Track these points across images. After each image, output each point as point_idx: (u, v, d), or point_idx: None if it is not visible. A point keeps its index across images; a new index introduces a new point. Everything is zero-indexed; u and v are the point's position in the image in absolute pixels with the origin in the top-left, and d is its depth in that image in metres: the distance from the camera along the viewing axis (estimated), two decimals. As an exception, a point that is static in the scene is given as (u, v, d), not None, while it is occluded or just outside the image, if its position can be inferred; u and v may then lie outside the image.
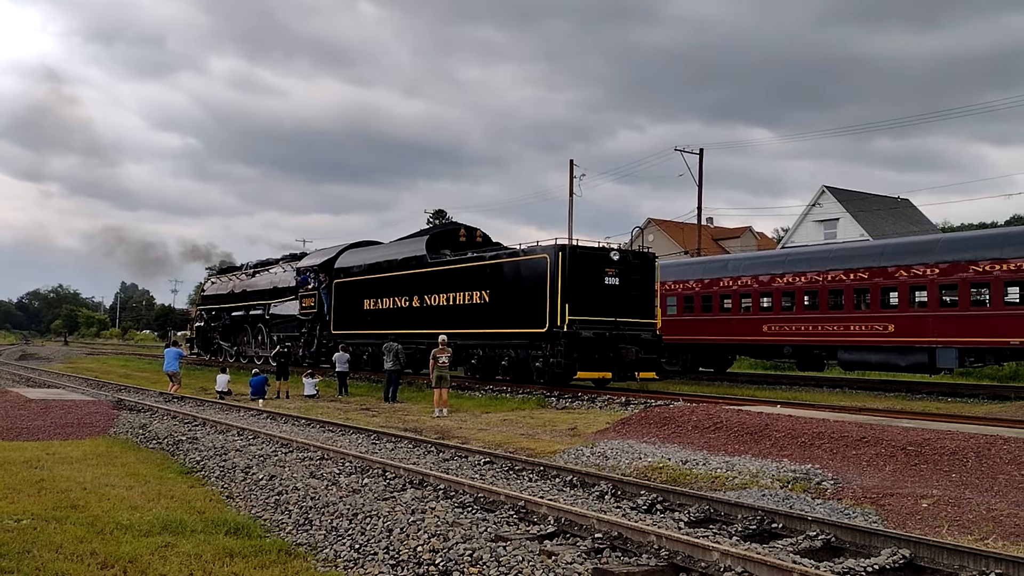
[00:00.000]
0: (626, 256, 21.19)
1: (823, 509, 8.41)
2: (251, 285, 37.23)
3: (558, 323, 19.55)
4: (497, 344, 21.97)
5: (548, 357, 19.89)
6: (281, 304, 33.57)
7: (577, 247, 20.51)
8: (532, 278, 20.58)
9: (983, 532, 7.55)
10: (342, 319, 28.89)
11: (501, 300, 21.63)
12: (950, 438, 10.29)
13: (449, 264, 24.14)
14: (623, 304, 20.49)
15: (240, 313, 37.53)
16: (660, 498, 8.49)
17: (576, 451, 12.14)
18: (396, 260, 26.47)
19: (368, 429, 14.59)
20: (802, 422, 12.04)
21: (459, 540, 6.66)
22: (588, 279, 20.09)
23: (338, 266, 29.58)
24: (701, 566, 5.94)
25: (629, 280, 20.73)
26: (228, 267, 44.17)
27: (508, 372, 21.70)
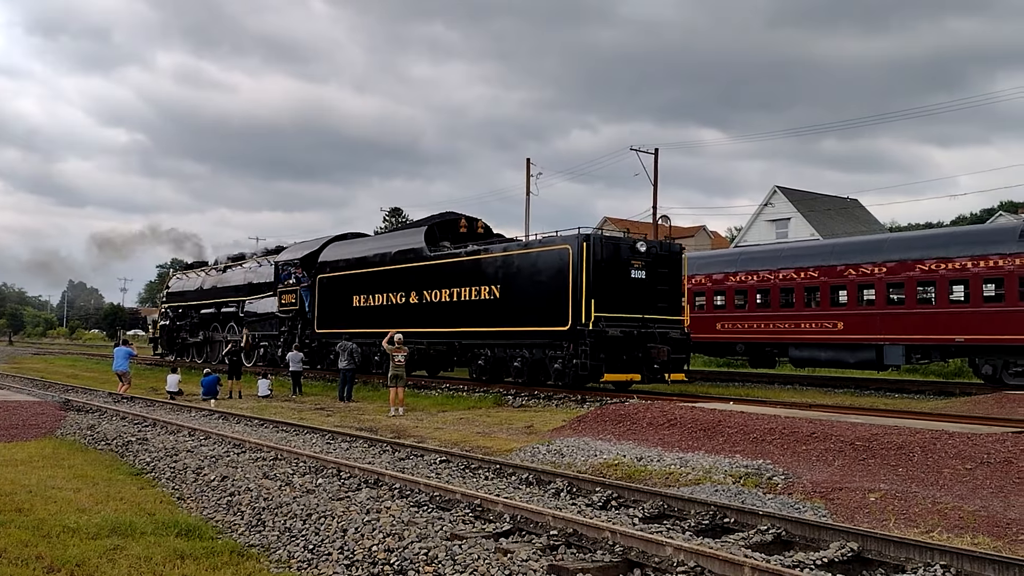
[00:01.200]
0: (653, 247, 19.45)
1: (774, 504, 8.54)
2: (223, 281, 34.97)
3: (582, 321, 17.98)
4: (509, 344, 20.22)
5: (570, 358, 18.30)
6: (258, 301, 31.52)
7: (602, 236, 19.03)
8: (551, 271, 18.92)
9: (928, 525, 7.74)
10: (327, 317, 26.87)
11: (514, 296, 19.93)
12: (897, 433, 10.52)
13: (452, 257, 22.14)
14: (650, 299, 18.99)
15: (210, 311, 35.36)
16: (615, 495, 8.55)
17: (532, 449, 12.17)
18: (390, 253, 24.40)
19: (323, 429, 14.47)
20: (754, 418, 12.22)
21: (414, 539, 6.64)
22: (613, 272, 18.53)
23: (322, 260, 27.46)
24: (655, 561, 6.00)
25: (656, 273, 19.21)
26: (195, 263, 41.58)
27: (520, 374, 19.85)
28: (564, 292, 18.47)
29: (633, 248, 18.94)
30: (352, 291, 25.65)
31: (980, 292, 21.07)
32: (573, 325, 18.18)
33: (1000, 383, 20.68)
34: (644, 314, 18.77)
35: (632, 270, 18.83)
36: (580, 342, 17.97)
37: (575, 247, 18.39)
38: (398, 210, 71.08)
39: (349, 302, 25.70)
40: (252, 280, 32.39)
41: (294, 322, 28.87)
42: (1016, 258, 20.39)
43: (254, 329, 31.26)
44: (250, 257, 35.10)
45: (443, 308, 21.96)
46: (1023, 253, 20.31)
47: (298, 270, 28.43)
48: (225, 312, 34.13)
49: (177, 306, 38.80)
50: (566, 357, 18.41)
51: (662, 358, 18.46)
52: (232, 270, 35.10)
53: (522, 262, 19.94)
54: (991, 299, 20.95)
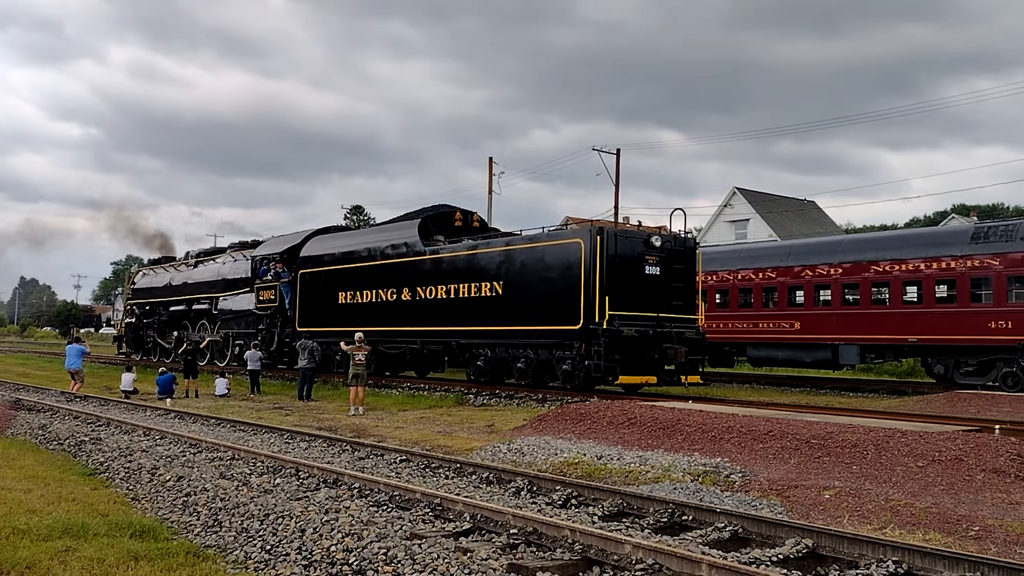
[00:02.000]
0: (668, 242, 18.31)
1: (731, 501, 8.64)
2: (194, 277, 33.28)
3: (595, 319, 16.90)
4: (512, 344, 19.11)
5: (581, 359, 17.24)
6: (232, 298, 29.84)
7: (616, 230, 17.89)
8: (561, 266, 17.84)
9: (881, 521, 7.88)
10: (309, 314, 25.35)
11: (519, 292, 18.76)
12: (851, 432, 10.70)
13: (450, 252, 20.96)
14: (665, 297, 17.98)
15: (180, 308, 33.64)
16: (575, 493, 8.59)
17: (493, 448, 12.18)
18: (380, 247, 22.95)
19: (281, 428, 14.33)
20: (712, 417, 12.35)
21: (373, 539, 6.60)
22: (627, 268, 17.49)
23: (304, 254, 25.99)
24: (614, 559, 6.04)
25: (671, 269, 18.21)
26: (163, 257, 39.76)
27: (524, 375, 18.84)
28: (575, 289, 17.42)
29: (647, 242, 17.88)
30: (338, 287, 24.30)
31: (933, 293, 21.53)
32: (585, 324, 17.14)
33: (952, 382, 21.15)
34: (659, 313, 17.82)
35: (646, 266, 17.85)
36: (593, 342, 16.92)
37: (587, 241, 17.30)
38: (360, 208, 70.65)
39: (334, 299, 24.33)
40: (227, 276, 30.75)
41: (273, 320, 27.41)
42: (967, 260, 20.86)
43: (229, 327, 29.84)
44: (222, 252, 33.55)
45: (439, 306, 20.79)
46: (974, 255, 20.79)
47: (278, 265, 26.95)
48: (197, 309, 32.59)
49: (144, 303, 37.07)
50: (576, 358, 17.43)
51: (679, 359, 17.52)
52: (204, 265, 33.38)
53: (527, 257, 18.78)
54: (943, 300, 21.41)
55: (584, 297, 17.19)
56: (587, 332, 17.06)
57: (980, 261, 20.66)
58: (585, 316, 17.15)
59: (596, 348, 16.78)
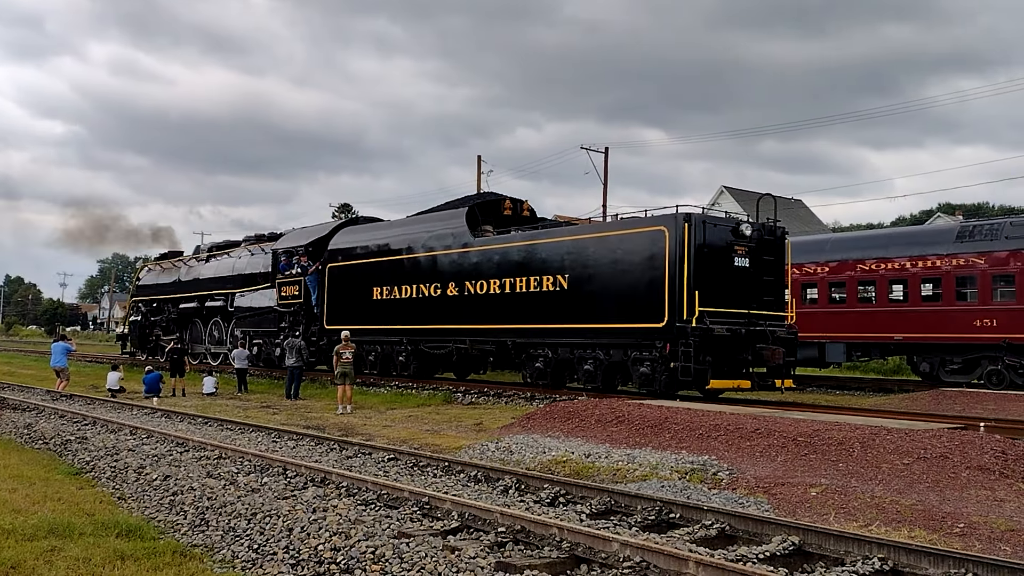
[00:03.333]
0: (758, 231, 16.78)
1: (719, 499, 8.67)
2: (206, 272, 31.25)
3: (684, 316, 15.32)
4: (577, 344, 17.47)
5: (664, 360, 15.58)
6: (251, 294, 27.76)
7: (706, 216, 16.29)
8: (640, 258, 16.17)
9: (867, 519, 7.93)
10: (339, 311, 23.59)
11: (587, 287, 17.10)
12: (837, 429, 10.75)
13: (504, 243, 19.20)
14: (755, 292, 16.39)
15: (191, 305, 31.59)
16: (563, 491, 8.60)
17: (481, 446, 12.18)
18: (422, 239, 21.22)
19: (268, 427, 14.28)
20: (700, 415, 12.38)
21: (361, 538, 6.60)
22: (716, 260, 15.95)
23: (333, 247, 24.20)
24: (602, 557, 6.05)
25: (761, 262, 16.58)
26: (170, 252, 37.63)
27: (592, 378, 17.19)
28: (658, 283, 15.75)
29: (737, 231, 16.29)
30: (372, 282, 22.45)
31: (918, 292, 21.67)
32: (671, 322, 15.46)
33: (937, 380, 21.29)
34: (749, 309, 16.19)
35: (735, 257, 16.22)
36: (681, 342, 15.21)
37: (673, 229, 15.67)
38: (348, 206, 70.44)
39: (368, 295, 22.53)
40: (243, 270, 28.71)
41: (296, 317, 25.42)
42: (953, 259, 21.00)
43: (247, 326, 27.85)
44: (236, 245, 31.53)
45: (491, 302, 19.05)
46: (960, 254, 20.93)
47: (302, 259, 24.98)
48: (210, 307, 30.43)
49: (151, 300, 34.99)
50: (658, 359, 15.75)
51: (776, 361, 15.92)
52: (218, 260, 31.28)
53: (599, 248, 17.09)
54: (929, 298, 21.55)
55: (669, 292, 15.58)
56: (673, 330, 15.40)
57: (965, 260, 20.81)
58: (670, 313, 15.52)
59: (684, 349, 15.13)
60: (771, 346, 15.93)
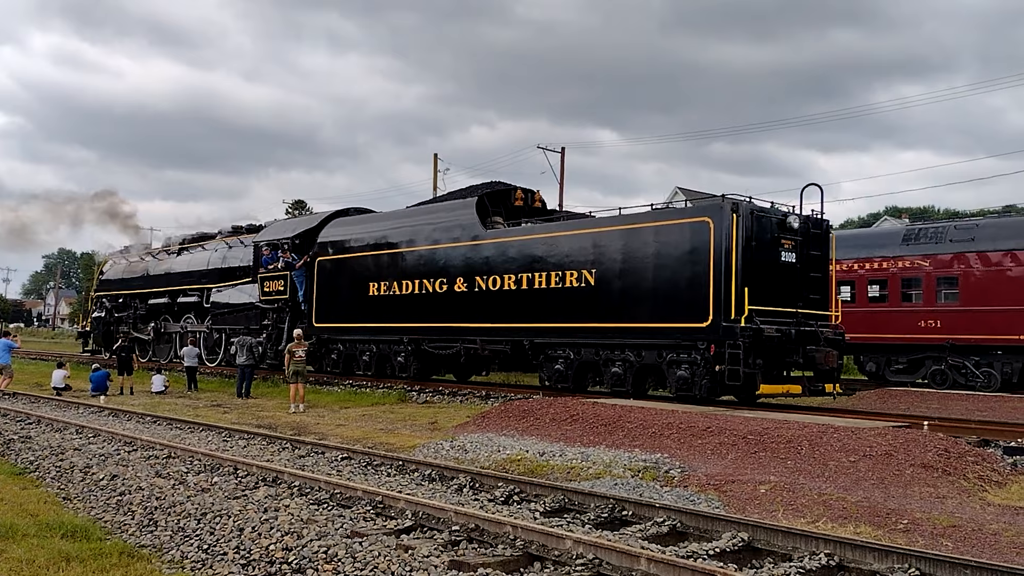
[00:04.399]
0: (806, 224, 15.53)
1: (670, 496, 8.77)
2: (178, 266, 29.58)
3: (731, 315, 14.12)
4: (604, 344, 16.20)
5: (707, 363, 14.47)
6: (229, 289, 26.26)
7: (753, 206, 14.88)
8: (680, 252, 14.96)
9: (814, 515, 8.09)
10: (330, 308, 22.13)
11: (618, 283, 15.84)
12: (787, 427, 10.96)
13: (521, 235, 17.91)
14: (802, 289, 15.30)
15: (162, 300, 29.85)
16: (517, 489, 8.63)
17: (436, 445, 12.16)
18: (426, 231, 19.87)
19: (219, 426, 14.09)
20: (653, 413, 12.52)
21: (313, 537, 6.55)
22: (764, 254, 14.73)
23: (324, 240, 22.70)
24: (555, 554, 6.09)
25: (807, 256, 15.43)
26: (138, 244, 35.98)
27: (621, 381, 15.95)
28: (702, 278, 14.53)
29: (783, 223, 15.06)
30: (369, 277, 21.02)
31: (865, 292, 22.13)
32: (716, 321, 14.27)
33: (883, 380, 21.78)
34: (798, 307, 15.12)
35: (782, 252, 15.07)
36: (728, 343, 14.03)
37: (720, 220, 14.45)
38: (302, 203, 69.69)
39: (363, 290, 21.08)
40: (221, 264, 27.20)
41: (281, 314, 23.93)
42: (899, 260, 21.50)
43: (225, 323, 26.23)
44: (211, 237, 29.93)
45: (506, 298, 17.72)
46: (905, 256, 21.44)
47: (288, 253, 23.41)
48: (183, 302, 28.89)
49: (116, 295, 33.02)
50: (699, 362, 14.62)
51: (830, 364, 14.93)
52: (191, 252, 29.73)
53: (632, 241, 15.78)
54: (876, 299, 22.03)
55: (714, 288, 14.34)
56: (718, 331, 14.20)
57: (911, 262, 21.33)
58: (715, 311, 14.29)
59: (732, 351, 13.95)
60: (824, 348, 14.90)
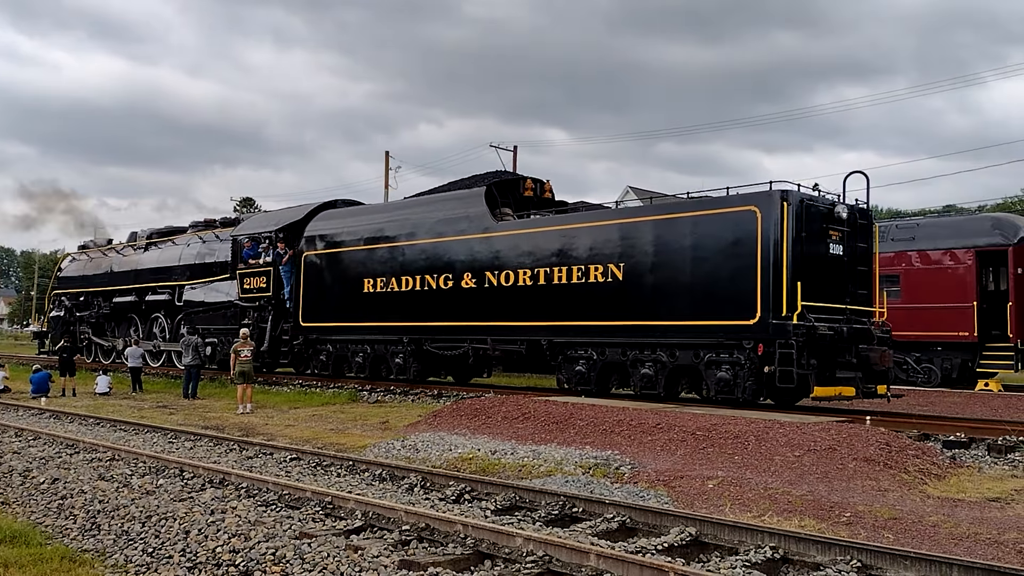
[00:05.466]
0: (853, 214, 14.49)
1: (620, 492, 8.85)
2: (146, 262, 27.91)
3: (782, 312, 13.07)
4: (633, 343, 15.09)
5: (753, 364, 13.46)
6: (203, 286, 24.76)
7: (803, 194, 13.87)
8: (723, 243, 13.92)
9: (761, 509, 8.22)
10: (318, 306, 20.77)
11: (649, 278, 14.77)
12: (734, 423, 11.13)
13: (536, 227, 16.71)
14: (850, 284, 14.32)
15: (128, 299, 28.16)
16: (469, 488, 8.63)
17: (387, 445, 12.10)
18: (429, 223, 18.57)
19: (165, 427, 13.85)
20: (604, 411, 12.61)
21: (261, 539, 6.47)
22: (813, 246, 13.72)
23: (311, 233, 21.26)
24: (505, 552, 6.10)
25: (855, 250, 14.44)
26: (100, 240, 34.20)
27: (652, 384, 14.86)
28: (747, 273, 13.52)
29: (830, 213, 14.03)
30: (363, 273, 19.72)
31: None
32: (765, 318, 13.24)
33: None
34: (847, 304, 14.21)
35: (830, 244, 14.07)
36: (779, 342, 13.01)
37: (768, 210, 13.42)
38: (250, 200, 68.75)
39: (357, 287, 19.78)
40: (194, 260, 25.69)
41: (263, 313, 22.32)
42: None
43: (200, 322, 24.35)
44: (182, 231, 28.32)
45: (520, 295, 16.54)
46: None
47: (280, 245, 21.79)
48: (152, 301, 27.19)
49: (78, 293, 31.36)
50: (742, 363, 13.62)
51: (886, 365, 14.09)
52: (160, 248, 28.09)
53: (665, 233, 14.68)
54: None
55: (762, 283, 13.34)
56: (767, 329, 13.19)
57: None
58: (764, 308, 13.28)
59: (783, 350, 12.95)
60: (878, 347, 14.08)
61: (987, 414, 13.67)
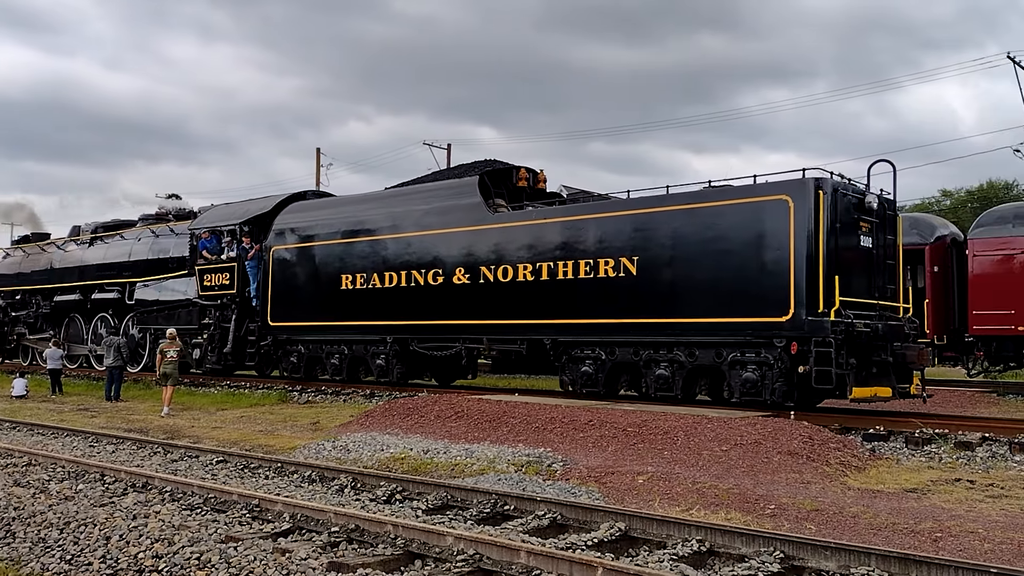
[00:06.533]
0: (882, 205, 13.72)
1: (552, 489, 8.90)
2: (91, 257, 26.19)
3: (818, 308, 12.28)
4: (646, 342, 14.10)
5: (786, 363, 12.62)
6: (158, 283, 23.07)
7: (836, 181, 12.96)
8: (751, 235, 12.99)
9: (689, 503, 8.37)
10: (288, 304, 19.39)
11: (666, 272, 13.80)
12: (664, 419, 11.30)
13: (540, 218, 15.52)
14: (879, 278, 13.59)
15: (72, 298, 26.38)
16: (400, 488, 8.57)
17: (317, 446, 11.94)
18: (416, 215, 17.31)
19: (85, 431, 13.42)
20: (537, 408, 12.67)
21: (186, 543, 6.32)
22: (845, 238, 12.96)
23: (281, 226, 19.87)
24: (436, 551, 6.08)
25: (883, 241, 13.71)
26: (34, 234, 32.02)
27: (668, 385, 13.92)
28: (779, 266, 12.67)
29: (861, 204, 13.25)
30: (341, 269, 18.42)
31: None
32: (800, 315, 12.39)
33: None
34: (878, 299, 13.47)
35: (860, 236, 13.30)
36: (815, 340, 12.22)
37: (802, 199, 12.56)
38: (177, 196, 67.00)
39: (334, 284, 18.51)
40: (147, 255, 24.11)
41: (225, 312, 20.92)
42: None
43: (153, 321, 22.92)
44: (130, 225, 26.72)
45: (520, 291, 15.46)
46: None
47: (246, 239, 20.46)
48: (99, 299, 25.37)
49: (12, 291, 29.45)
50: (772, 362, 12.76)
51: (923, 363, 13.46)
52: (106, 243, 26.32)
53: (685, 224, 13.71)
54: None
55: (796, 277, 12.51)
56: (802, 326, 12.38)
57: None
58: (798, 304, 12.44)
59: (820, 349, 12.16)
60: (915, 345, 13.45)
61: (906, 408, 14.15)
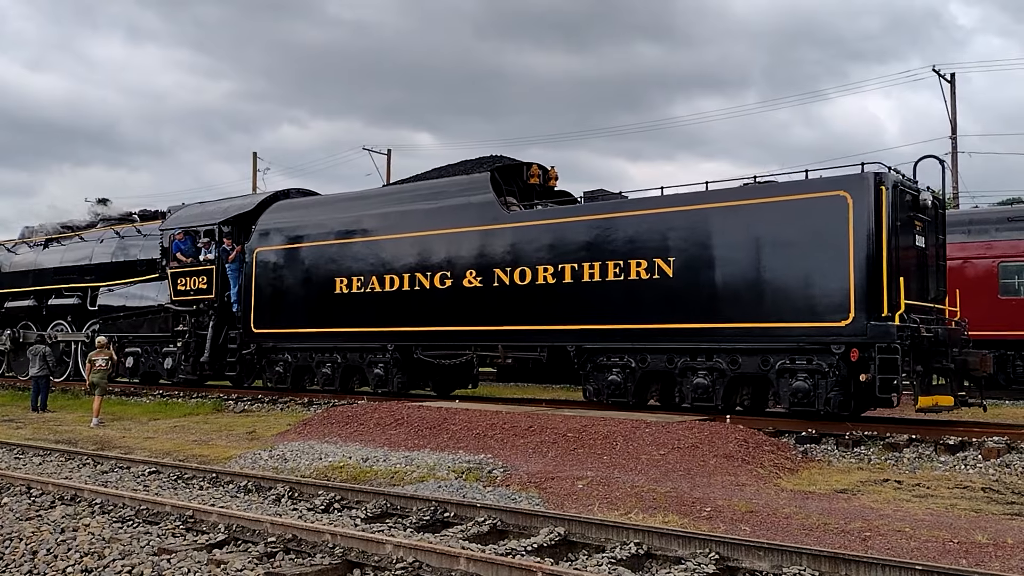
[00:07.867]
0: (936, 203, 13.06)
1: (493, 496, 8.91)
2: (47, 261, 24.44)
3: (882, 312, 11.41)
4: (684, 349, 13.09)
5: (843, 371, 11.71)
6: (124, 288, 21.65)
7: (896, 178, 12.17)
8: (805, 234, 12.06)
9: (628, 507, 8.45)
10: (275, 310, 17.98)
11: (708, 274, 12.83)
12: (603, 424, 11.40)
13: (562, 217, 14.59)
14: (932, 279, 12.83)
15: (26, 303, 24.58)
16: (339, 497, 8.48)
17: (254, 455, 11.74)
18: (419, 215, 16.10)
19: (10, 443, 12.96)
20: (478, 415, 12.66)
21: (117, 557, 6.16)
22: (904, 238, 12.19)
23: (266, 226, 18.49)
24: (375, 560, 6.03)
25: (936, 241, 13.04)
26: None
27: (707, 395, 12.89)
28: (839, 267, 11.75)
29: (916, 201, 12.52)
30: (334, 272, 17.13)
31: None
32: (861, 319, 11.48)
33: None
34: (934, 302, 12.80)
35: (915, 235, 12.53)
36: (879, 347, 11.34)
37: (862, 195, 11.67)
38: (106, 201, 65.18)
39: (327, 288, 17.21)
40: (111, 258, 22.48)
41: (201, 318, 19.43)
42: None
43: (120, 329, 21.38)
44: (91, 226, 25.02)
45: (539, 295, 14.38)
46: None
47: (226, 241, 19.06)
48: (56, 305, 23.65)
49: None
50: (826, 370, 11.85)
51: (986, 371, 12.37)
52: (64, 245, 24.79)
53: (729, 222, 12.76)
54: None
55: (857, 280, 11.60)
56: (865, 331, 11.45)
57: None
58: (859, 308, 11.53)
59: (884, 356, 11.29)
60: (978, 351, 12.61)
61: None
